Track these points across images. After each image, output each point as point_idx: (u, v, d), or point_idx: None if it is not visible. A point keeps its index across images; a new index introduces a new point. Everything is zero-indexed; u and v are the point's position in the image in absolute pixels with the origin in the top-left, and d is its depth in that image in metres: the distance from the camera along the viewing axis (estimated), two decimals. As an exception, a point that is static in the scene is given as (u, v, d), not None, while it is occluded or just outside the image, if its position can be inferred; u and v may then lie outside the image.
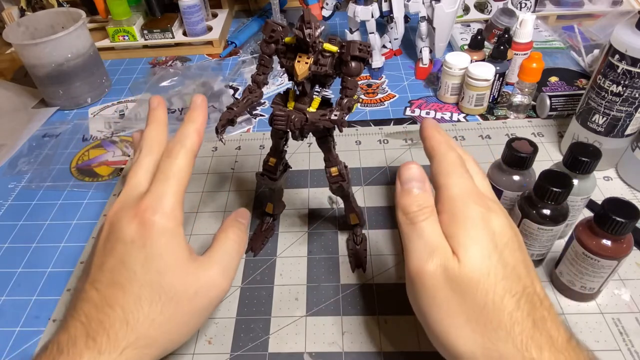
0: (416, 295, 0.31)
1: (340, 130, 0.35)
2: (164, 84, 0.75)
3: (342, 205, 0.46)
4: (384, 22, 0.72)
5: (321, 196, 0.53)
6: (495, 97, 0.65)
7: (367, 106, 0.68)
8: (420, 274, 0.31)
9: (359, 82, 0.72)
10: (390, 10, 0.68)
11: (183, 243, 0.33)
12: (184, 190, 0.34)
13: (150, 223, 0.32)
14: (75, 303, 0.32)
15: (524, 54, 0.65)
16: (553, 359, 0.27)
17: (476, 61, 0.63)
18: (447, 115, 0.64)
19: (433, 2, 0.66)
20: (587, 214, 0.48)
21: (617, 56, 0.44)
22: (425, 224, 0.32)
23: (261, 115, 0.68)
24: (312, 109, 0.37)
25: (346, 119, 0.35)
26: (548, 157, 0.56)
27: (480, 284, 0.29)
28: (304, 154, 0.59)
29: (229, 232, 0.38)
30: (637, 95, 0.45)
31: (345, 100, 0.35)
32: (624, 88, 0.45)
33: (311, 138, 0.40)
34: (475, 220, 0.31)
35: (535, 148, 0.40)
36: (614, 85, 0.46)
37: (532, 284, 0.30)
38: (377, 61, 0.72)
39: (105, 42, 0.84)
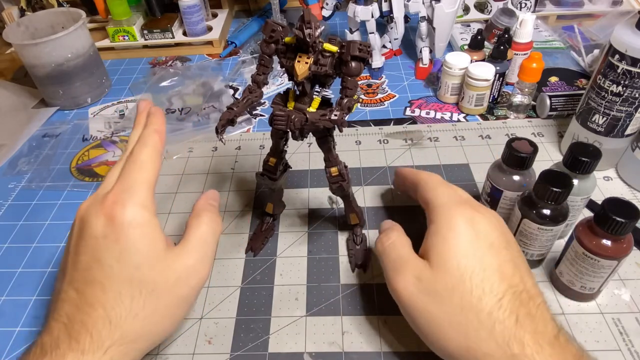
0: (401, 310, 0.35)
1: (340, 130, 0.35)
2: (164, 84, 0.75)
3: (342, 205, 0.46)
4: (384, 22, 0.72)
5: (321, 196, 0.53)
6: (495, 97, 0.65)
7: (367, 106, 0.68)
8: (395, 291, 0.34)
9: (359, 82, 0.72)
10: (390, 10, 0.68)
11: (158, 234, 0.32)
12: (152, 182, 0.33)
13: (121, 216, 0.31)
14: (55, 304, 0.31)
15: (524, 54, 0.65)
16: (535, 354, 0.28)
17: (476, 61, 0.63)
18: (447, 115, 0.64)
19: (433, 2, 0.66)
20: (587, 214, 0.48)
21: (617, 56, 0.44)
22: (390, 245, 0.36)
23: (261, 115, 0.68)
24: (312, 109, 0.37)
25: (346, 119, 0.35)
26: (548, 157, 0.56)
27: (456, 289, 0.31)
28: (304, 154, 0.59)
29: (202, 217, 0.36)
30: (637, 95, 0.45)
31: (345, 100, 0.35)
32: (624, 88, 0.45)
33: (311, 138, 0.40)
34: (456, 226, 0.33)
35: (535, 148, 0.40)
36: (614, 85, 0.46)
37: (522, 281, 0.31)
38: (377, 61, 0.72)
39: (105, 42, 0.84)
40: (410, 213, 0.49)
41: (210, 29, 0.86)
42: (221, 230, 0.38)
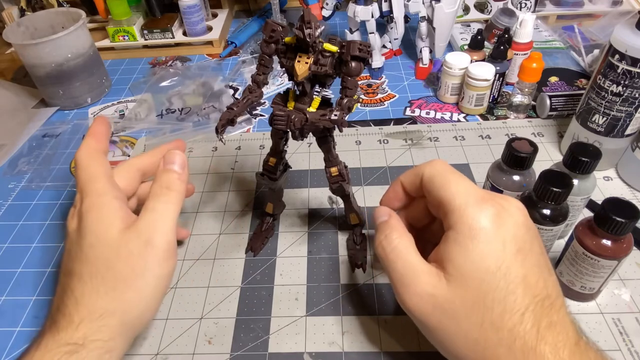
0: (414, 321, 0.32)
1: (340, 130, 0.35)
2: (164, 84, 0.75)
3: (342, 205, 0.46)
4: (384, 22, 0.72)
5: (321, 196, 0.53)
6: (495, 97, 0.65)
7: (367, 106, 0.68)
8: (406, 307, 0.31)
9: (359, 82, 0.72)
10: (390, 10, 0.68)
11: (113, 214, 0.33)
12: (109, 173, 0.36)
13: (83, 209, 0.34)
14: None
15: (524, 54, 0.65)
16: None
17: (476, 61, 0.63)
18: (447, 115, 0.64)
19: (433, 2, 0.66)
20: (587, 214, 0.48)
21: (617, 56, 0.44)
22: (393, 252, 0.31)
23: (261, 115, 0.68)
24: (312, 109, 0.37)
25: (346, 119, 0.35)
26: (548, 157, 0.56)
27: (476, 306, 0.28)
28: (304, 154, 0.59)
29: (159, 198, 0.35)
30: (637, 95, 0.45)
31: (345, 100, 0.35)
32: (624, 88, 0.45)
33: (311, 138, 0.40)
34: (480, 233, 0.28)
35: (535, 148, 0.40)
36: (614, 85, 0.46)
37: (545, 285, 0.29)
38: (377, 61, 0.72)
39: (105, 42, 0.84)
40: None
41: (210, 29, 0.86)
42: (182, 199, 0.36)
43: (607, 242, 0.36)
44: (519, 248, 0.29)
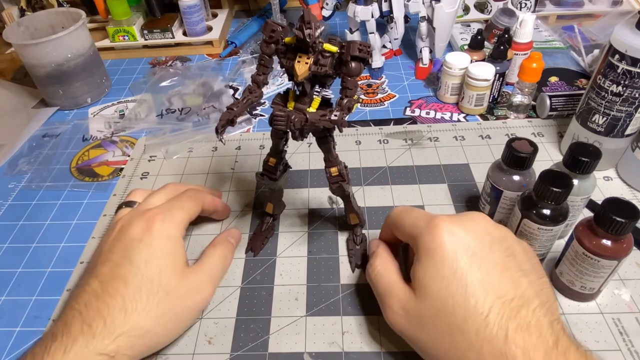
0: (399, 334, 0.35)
1: (340, 131, 0.35)
2: (164, 84, 0.75)
3: (342, 205, 0.46)
4: (384, 22, 0.72)
5: (321, 196, 0.53)
6: (495, 97, 0.65)
7: (367, 106, 0.68)
8: (388, 321, 0.35)
9: (359, 82, 0.72)
10: (390, 10, 0.68)
11: (182, 250, 0.38)
12: (189, 219, 0.41)
13: (159, 226, 0.36)
14: (76, 294, 0.35)
15: (524, 54, 0.65)
16: None
17: (476, 61, 0.63)
18: (447, 115, 0.64)
19: (433, 2, 0.66)
20: (587, 214, 0.48)
21: (617, 56, 0.44)
22: (376, 276, 0.37)
23: (261, 115, 0.68)
24: (312, 109, 0.37)
25: (346, 119, 0.35)
26: (548, 157, 0.56)
27: (440, 314, 0.30)
28: (304, 154, 0.59)
29: (218, 249, 0.42)
30: (637, 95, 0.45)
31: (345, 101, 0.35)
32: (624, 88, 0.45)
33: (311, 138, 0.40)
34: (432, 249, 0.32)
35: (535, 148, 0.40)
36: (614, 85, 0.46)
37: (513, 285, 0.29)
38: (377, 61, 0.72)
39: (105, 42, 0.85)
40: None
41: (210, 29, 0.86)
42: (230, 264, 0.44)
43: (607, 242, 0.36)
44: (473, 253, 0.31)
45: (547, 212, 0.38)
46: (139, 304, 0.33)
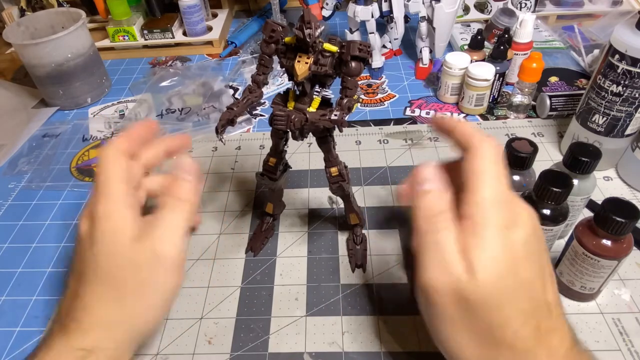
0: (425, 306, 0.31)
1: (340, 130, 0.35)
2: (164, 84, 0.75)
3: (342, 205, 0.46)
4: (384, 22, 0.72)
5: (321, 196, 0.53)
6: (495, 97, 0.65)
7: (367, 106, 0.68)
8: (432, 288, 0.30)
9: (359, 82, 0.72)
10: (390, 10, 0.68)
11: (125, 224, 0.33)
12: (126, 185, 0.34)
13: (96, 215, 0.33)
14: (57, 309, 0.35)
15: (524, 54, 0.65)
16: None
17: (476, 61, 0.63)
18: (447, 116, 0.64)
19: (433, 2, 0.66)
20: (587, 214, 0.48)
21: (617, 56, 0.44)
22: (443, 235, 0.30)
23: (261, 115, 0.68)
24: (312, 109, 0.37)
25: (346, 119, 0.35)
26: (548, 157, 0.56)
27: (490, 304, 0.29)
28: (304, 154, 0.59)
29: (171, 204, 0.34)
30: (637, 95, 0.45)
31: (345, 100, 0.35)
32: (624, 88, 0.45)
33: (311, 138, 0.40)
34: (495, 232, 0.29)
35: (535, 148, 0.40)
36: (614, 85, 0.46)
37: (544, 293, 0.30)
38: (377, 61, 0.72)
39: (105, 42, 0.84)
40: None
41: (210, 29, 0.86)
42: (195, 211, 0.35)
43: (607, 242, 0.36)
44: (526, 255, 0.29)
45: (547, 212, 0.38)
46: (94, 296, 0.32)
